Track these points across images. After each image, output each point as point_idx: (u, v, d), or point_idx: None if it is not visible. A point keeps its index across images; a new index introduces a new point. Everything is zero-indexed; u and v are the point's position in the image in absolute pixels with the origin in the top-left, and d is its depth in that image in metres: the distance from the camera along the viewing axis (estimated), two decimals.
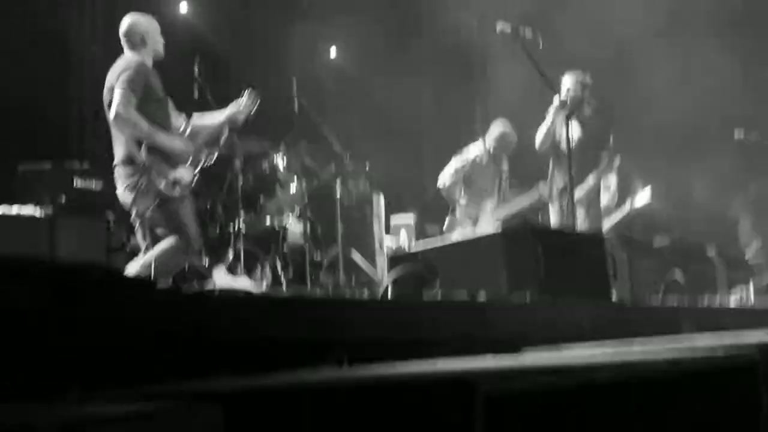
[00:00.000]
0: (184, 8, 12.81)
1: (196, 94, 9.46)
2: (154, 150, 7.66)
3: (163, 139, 7.76)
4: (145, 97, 7.74)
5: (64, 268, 2.62)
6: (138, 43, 8.03)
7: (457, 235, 10.23)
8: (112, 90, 7.63)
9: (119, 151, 7.68)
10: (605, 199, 10.53)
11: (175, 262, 8.00)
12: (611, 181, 11.03)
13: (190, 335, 2.98)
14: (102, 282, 2.66)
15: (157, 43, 8.16)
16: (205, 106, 9.54)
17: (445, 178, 11.20)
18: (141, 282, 2.80)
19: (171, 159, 7.77)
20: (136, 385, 2.73)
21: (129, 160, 7.64)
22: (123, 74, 7.62)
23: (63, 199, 8.72)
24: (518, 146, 10.90)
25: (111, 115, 7.56)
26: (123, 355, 2.82)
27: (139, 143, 7.62)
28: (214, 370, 3.16)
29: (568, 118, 8.67)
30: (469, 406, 1.86)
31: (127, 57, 7.93)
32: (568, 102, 9.30)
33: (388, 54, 13.67)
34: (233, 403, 1.88)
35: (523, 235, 4.95)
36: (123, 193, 7.69)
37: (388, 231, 12.38)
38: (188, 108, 9.89)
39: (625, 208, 11.53)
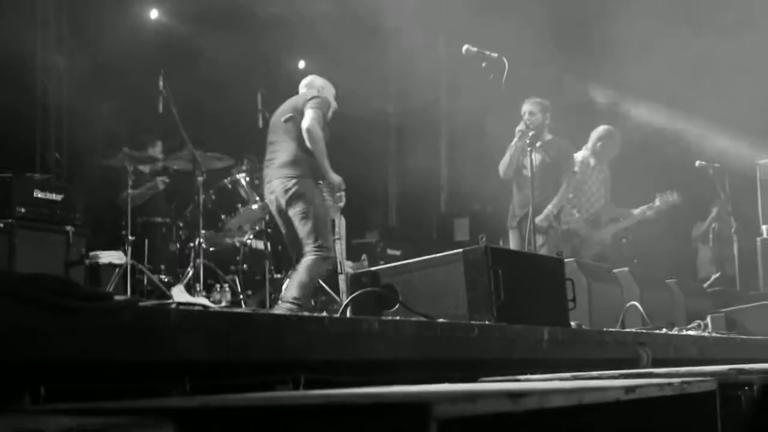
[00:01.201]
0: (154, 14, 12.78)
1: (160, 108, 9.43)
2: (316, 168, 8.68)
3: (327, 164, 8.73)
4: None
5: (19, 279, 2.58)
6: (317, 88, 9.15)
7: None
8: (295, 108, 8.76)
9: (284, 156, 8.68)
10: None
11: (321, 272, 9.00)
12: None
13: (145, 349, 2.95)
14: (57, 293, 2.62)
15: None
16: (169, 119, 9.52)
17: None
18: (96, 294, 2.77)
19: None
20: (89, 399, 2.70)
21: (293, 164, 8.64)
22: (314, 99, 8.76)
23: (23, 210, 8.63)
24: None
25: (303, 127, 8.56)
26: (76, 367, 2.79)
27: (306, 153, 8.64)
28: (168, 385, 3.13)
29: (531, 143, 8.70)
30: (423, 430, 1.85)
31: (314, 90, 9.11)
32: (531, 127, 9.34)
33: (355, 72, 13.64)
34: (186, 420, 1.85)
35: (483, 258, 4.93)
36: (278, 192, 8.63)
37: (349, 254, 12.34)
38: (154, 120, 9.88)
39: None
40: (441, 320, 4.67)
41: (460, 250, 5.07)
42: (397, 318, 4.66)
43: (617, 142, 10.85)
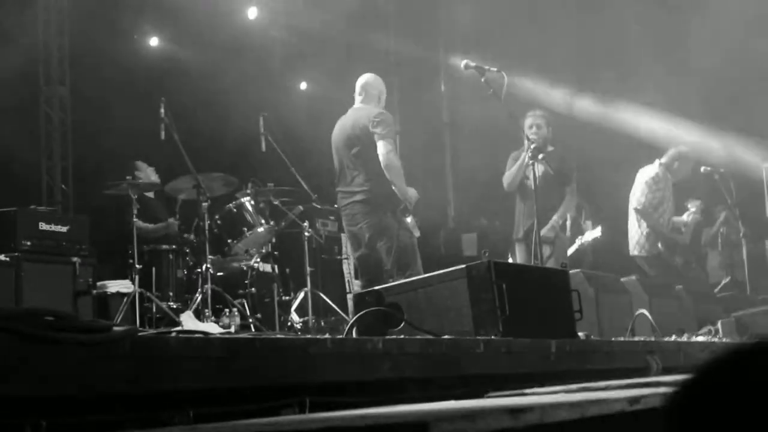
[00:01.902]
0: (154, 42, 12.81)
1: (162, 135, 9.44)
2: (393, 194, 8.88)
3: (405, 189, 8.92)
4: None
5: (16, 313, 2.58)
6: (374, 97, 9.24)
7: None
8: (361, 135, 8.90)
9: (361, 193, 8.87)
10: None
11: None
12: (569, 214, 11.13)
13: (146, 379, 2.94)
14: (54, 327, 2.62)
15: (384, 102, 9.36)
16: (172, 146, 9.53)
17: (644, 198, 11.04)
18: (94, 326, 2.76)
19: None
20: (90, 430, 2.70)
21: (371, 200, 8.84)
22: (381, 124, 8.85)
23: (29, 243, 8.64)
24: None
25: (382, 161, 8.72)
26: (77, 400, 2.78)
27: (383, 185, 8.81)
28: (171, 414, 3.12)
29: (533, 155, 8.69)
30: None
31: (373, 109, 9.10)
32: (537, 139, 9.34)
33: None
34: None
35: (486, 273, 4.92)
36: (361, 226, 8.87)
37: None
38: (155, 146, 9.89)
39: (576, 243, 11.68)
40: (446, 337, 4.66)
41: (464, 266, 5.06)
42: (402, 336, 4.65)
43: (692, 163, 11.06)
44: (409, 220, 9.34)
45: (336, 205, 9.55)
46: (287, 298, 10.58)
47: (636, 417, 2.71)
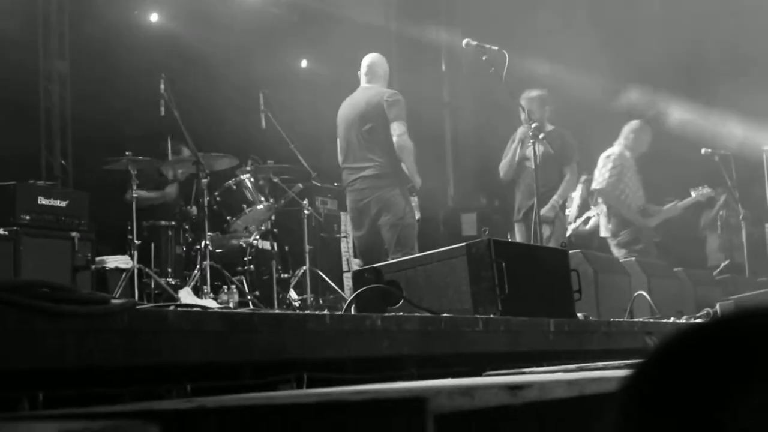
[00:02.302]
0: (155, 18, 12.77)
1: (162, 111, 9.41)
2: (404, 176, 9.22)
3: (415, 168, 9.29)
4: None
5: (14, 285, 2.56)
6: (381, 77, 9.47)
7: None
8: (374, 113, 9.12)
9: (374, 168, 9.09)
10: (570, 210, 10.59)
11: None
12: (576, 193, 11.09)
13: (144, 352, 2.94)
14: (53, 299, 2.61)
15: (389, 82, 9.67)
16: (171, 122, 9.51)
17: (602, 178, 11.01)
18: (93, 298, 2.75)
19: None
20: (88, 404, 2.69)
21: (384, 176, 9.10)
22: (395, 106, 9.14)
23: (28, 218, 8.63)
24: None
25: (396, 141, 9.01)
26: (75, 372, 2.77)
27: (394, 163, 9.12)
28: (169, 388, 3.12)
29: (534, 134, 8.67)
30: (420, 425, 1.83)
31: (385, 89, 9.41)
32: (534, 119, 9.32)
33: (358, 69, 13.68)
34: (178, 422, 1.84)
35: (486, 251, 4.91)
36: (369, 200, 9.07)
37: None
38: (155, 122, 9.87)
39: (585, 219, 11.68)
40: (445, 315, 4.66)
41: (463, 244, 5.05)
42: (401, 314, 4.64)
43: (649, 136, 10.99)
44: (414, 200, 9.67)
45: (336, 184, 9.58)
46: (286, 275, 10.58)
47: None
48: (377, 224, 9.03)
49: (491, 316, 4.82)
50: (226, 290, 9.70)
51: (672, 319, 7.54)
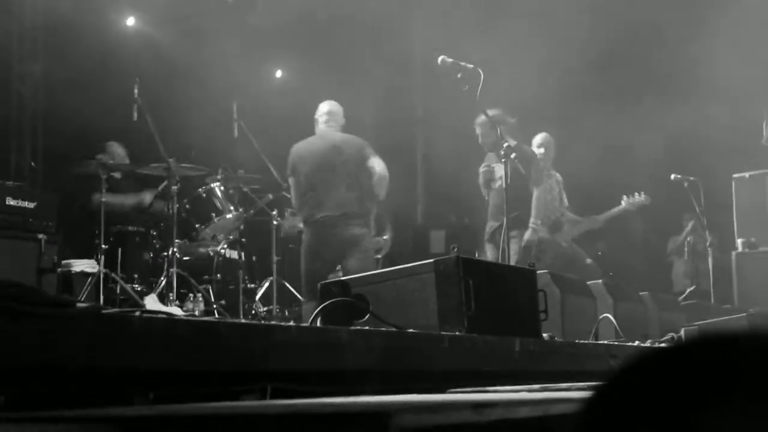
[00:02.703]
0: (131, 22, 12.73)
1: (135, 116, 9.39)
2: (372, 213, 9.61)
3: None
4: None
5: None
6: (340, 125, 9.74)
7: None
8: (354, 155, 9.45)
9: (347, 205, 9.30)
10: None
11: None
12: None
13: (108, 357, 2.92)
14: (17, 299, 2.59)
15: None
16: (144, 127, 9.48)
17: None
18: (58, 300, 2.73)
19: None
20: (50, 407, 2.66)
21: (360, 213, 9.36)
22: (370, 147, 9.60)
23: None
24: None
25: (380, 173, 9.37)
26: (36, 373, 2.75)
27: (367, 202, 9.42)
28: (131, 394, 3.09)
29: (506, 154, 8.66)
30: None
31: (351, 136, 9.73)
32: (483, 144, 9.42)
33: (332, 82, 13.66)
34: (134, 429, 1.82)
35: (454, 268, 4.91)
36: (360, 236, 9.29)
37: None
38: (128, 129, 9.84)
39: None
40: (411, 331, 4.65)
41: (432, 260, 5.05)
42: (366, 328, 4.64)
43: (554, 146, 10.96)
44: (385, 237, 10.27)
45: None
46: (252, 285, 10.57)
47: None
48: (342, 262, 9.33)
49: (457, 333, 4.82)
50: (191, 298, 9.68)
51: (636, 343, 7.57)
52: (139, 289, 9.76)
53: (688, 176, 11.48)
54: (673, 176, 11.44)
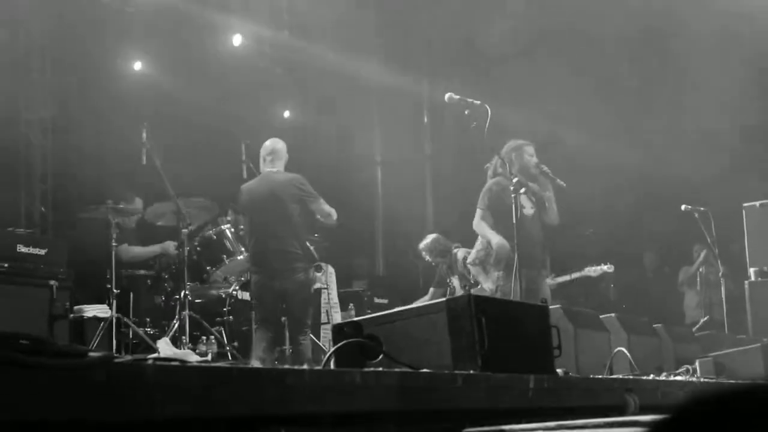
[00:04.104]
0: (138, 66, 12.79)
1: (144, 160, 9.42)
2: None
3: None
4: None
5: None
6: (282, 163, 9.75)
7: None
8: (293, 196, 9.44)
9: (289, 246, 9.36)
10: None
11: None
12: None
13: (121, 408, 2.91)
14: (27, 351, 2.58)
15: None
16: (153, 171, 9.51)
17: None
18: (69, 351, 2.73)
19: None
20: None
21: (304, 255, 9.45)
22: (307, 186, 9.51)
23: (6, 265, 8.58)
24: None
25: (328, 213, 9.52)
26: (48, 428, 2.74)
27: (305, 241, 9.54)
28: None
29: (515, 189, 8.64)
30: None
31: (291, 174, 9.69)
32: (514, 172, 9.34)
33: (340, 121, 13.71)
34: None
35: (466, 307, 4.90)
36: (301, 280, 9.43)
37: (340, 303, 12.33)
38: (136, 171, 9.87)
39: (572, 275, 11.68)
40: (425, 370, 4.63)
41: (444, 299, 5.03)
42: (380, 369, 4.62)
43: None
44: (319, 275, 10.63)
45: (317, 235, 9.66)
46: None
47: None
48: (288, 305, 9.55)
49: (471, 372, 4.80)
50: (204, 341, 9.67)
51: (651, 376, 7.53)
52: (151, 332, 9.76)
53: (698, 207, 11.45)
54: (683, 207, 11.41)
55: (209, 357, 9.14)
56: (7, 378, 2.52)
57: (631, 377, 7.10)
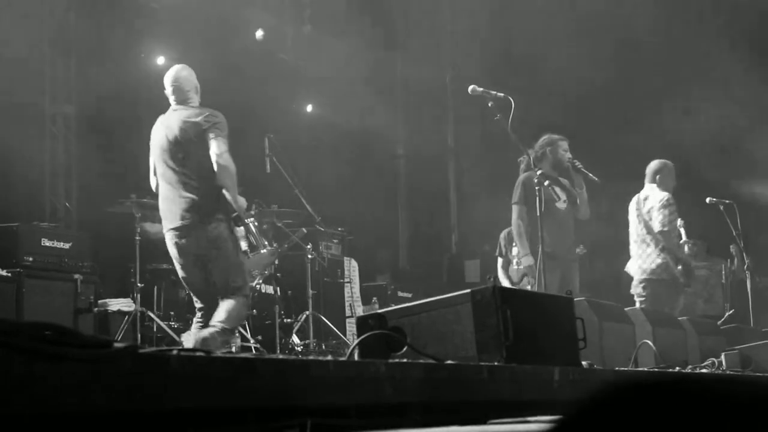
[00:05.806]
0: (161, 61, 12.80)
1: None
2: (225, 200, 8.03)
3: (236, 191, 8.09)
4: None
5: (13, 327, 2.54)
6: (190, 93, 8.44)
7: None
8: (191, 137, 7.98)
9: (192, 196, 7.93)
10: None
11: (242, 317, 8.51)
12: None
13: (146, 398, 2.90)
14: (53, 341, 2.58)
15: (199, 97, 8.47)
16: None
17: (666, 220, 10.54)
18: (94, 341, 2.72)
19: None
20: None
21: (205, 205, 7.94)
22: (216, 126, 8.04)
23: (31, 259, 8.62)
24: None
25: (217, 160, 7.85)
26: (74, 417, 2.74)
27: (215, 189, 7.98)
28: None
29: (540, 182, 8.61)
30: None
31: (200, 109, 8.32)
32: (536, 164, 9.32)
33: (363, 115, 13.69)
34: None
35: (491, 298, 4.88)
36: (192, 236, 7.88)
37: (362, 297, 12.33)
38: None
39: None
40: (449, 362, 4.62)
41: (468, 290, 5.01)
42: (405, 360, 4.61)
43: (673, 173, 10.64)
44: (240, 230, 8.79)
45: (341, 229, 9.59)
46: (289, 320, 10.56)
47: None
48: (207, 266, 7.94)
49: (496, 363, 4.78)
50: None
51: (677, 369, 7.50)
52: (175, 326, 9.77)
53: (723, 199, 11.35)
54: (708, 199, 11.32)
55: (233, 351, 9.14)
56: (32, 368, 2.52)
57: (656, 370, 7.07)
